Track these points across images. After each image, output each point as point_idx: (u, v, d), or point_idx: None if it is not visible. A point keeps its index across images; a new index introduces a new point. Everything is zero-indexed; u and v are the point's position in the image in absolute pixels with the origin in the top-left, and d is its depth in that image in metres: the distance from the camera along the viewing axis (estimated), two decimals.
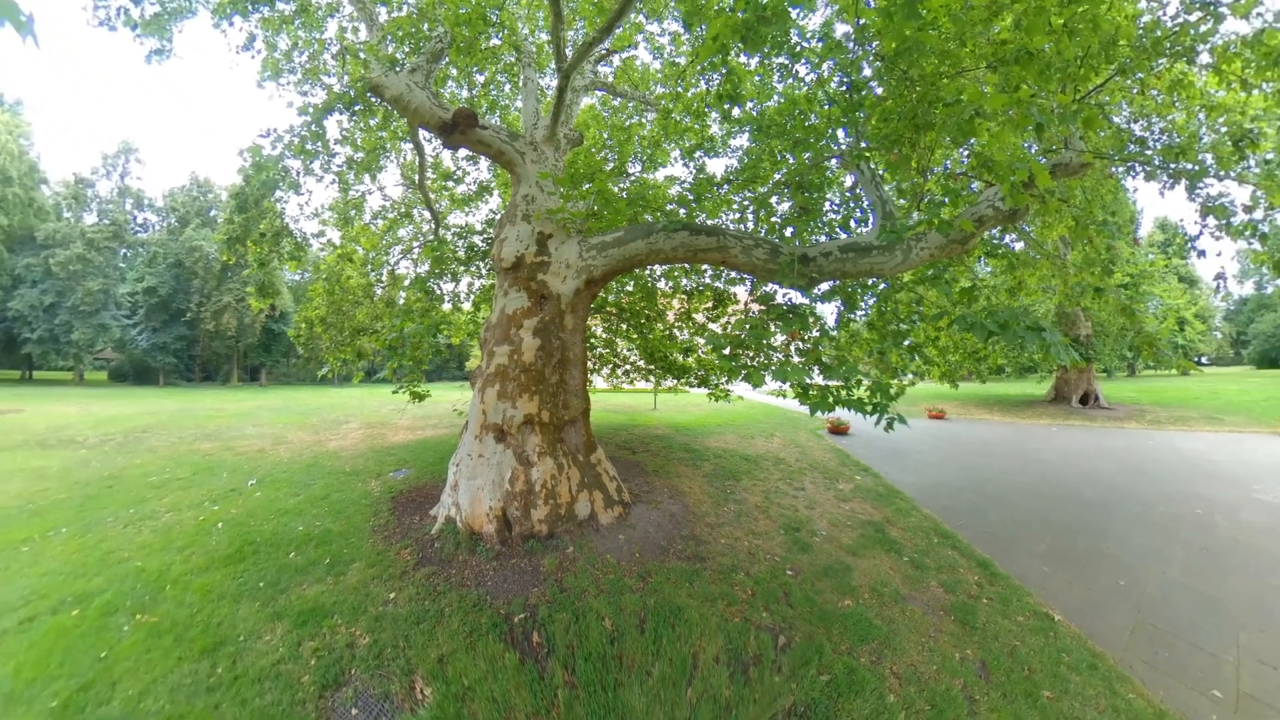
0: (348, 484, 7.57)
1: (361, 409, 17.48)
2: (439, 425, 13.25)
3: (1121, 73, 4.63)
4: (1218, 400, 18.02)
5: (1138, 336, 9.91)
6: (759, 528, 6.18)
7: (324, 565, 5.02)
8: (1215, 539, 6.61)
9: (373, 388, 32.52)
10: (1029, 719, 3.44)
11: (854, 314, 5.66)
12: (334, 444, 10.84)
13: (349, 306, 10.29)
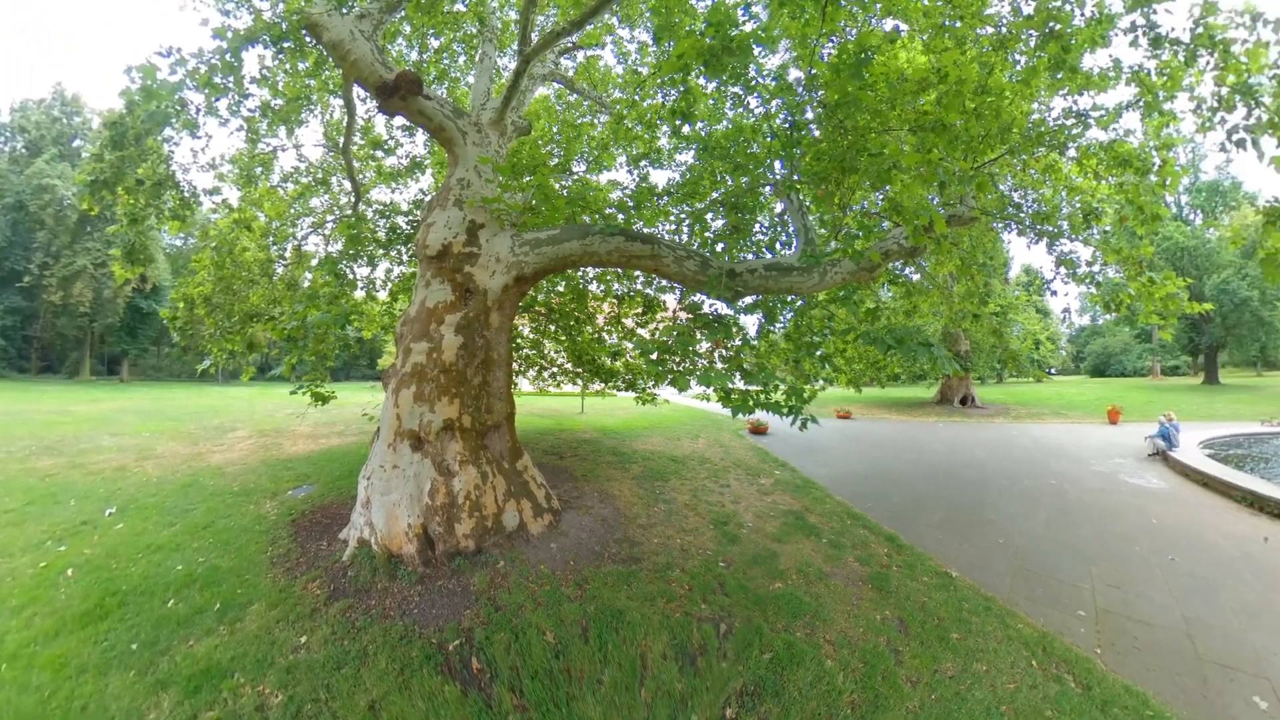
0: (237, 507, 6.58)
1: (252, 413, 15.35)
2: (346, 432, 11.99)
3: (1010, 152, 5.81)
4: (1062, 400, 22.92)
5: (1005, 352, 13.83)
6: (689, 525, 6.31)
7: (214, 612, 4.25)
8: (1066, 501, 8.19)
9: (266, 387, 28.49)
10: (944, 658, 3.98)
11: (773, 326, 6.12)
12: (218, 457, 9.33)
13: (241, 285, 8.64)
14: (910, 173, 4.10)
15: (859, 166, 4.52)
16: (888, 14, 5.24)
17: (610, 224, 5.48)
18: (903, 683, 3.70)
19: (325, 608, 4.26)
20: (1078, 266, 6.52)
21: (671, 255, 5.34)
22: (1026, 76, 5.28)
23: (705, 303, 5.31)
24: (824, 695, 3.50)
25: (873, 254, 5.04)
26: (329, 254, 9.50)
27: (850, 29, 5.32)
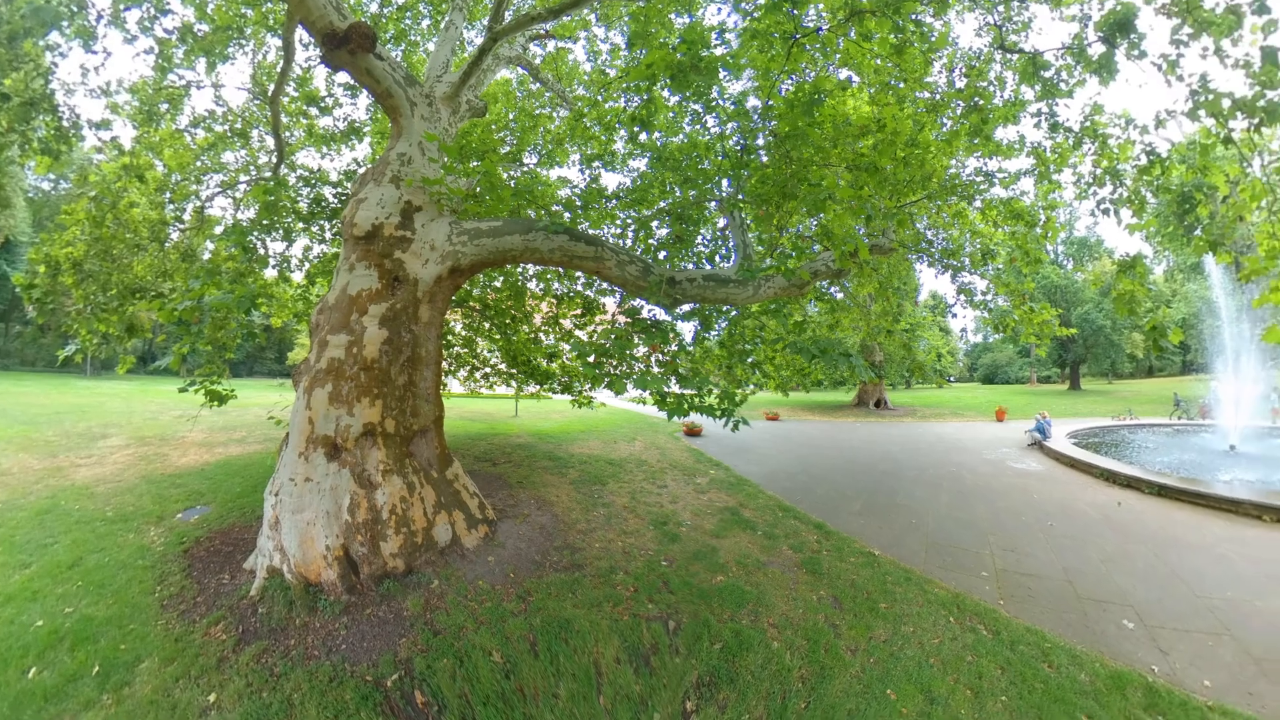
0: (112, 538, 5.51)
1: (129, 415, 12.96)
2: (248, 440, 10.56)
3: (929, 197, 6.88)
4: (959, 403, 26.25)
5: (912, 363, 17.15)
6: (629, 527, 6.27)
7: (92, 678, 3.42)
8: (964, 485, 9.22)
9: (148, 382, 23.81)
10: (876, 626, 4.37)
11: (709, 333, 6.38)
12: (85, 473, 7.69)
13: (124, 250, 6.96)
14: (843, 205, 4.73)
15: (798, 194, 5.02)
16: (844, 65, 5.84)
17: (556, 222, 5.28)
18: (844, 652, 3.96)
19: (235, 655, 3.65)
20: (975, 295, 7.70)
21: (615, 259, 5.30)
22: (950, 138, 6.25)
23: (644, 308, 5.39)
24: (775, 675, 3.65)
25: (803, 273, 5.54)
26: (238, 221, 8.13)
27: (810, 71, 5.84)
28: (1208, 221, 5.00)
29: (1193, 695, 3.58)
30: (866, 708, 3.38)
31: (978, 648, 4.07)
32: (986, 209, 7.14)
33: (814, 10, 5.07)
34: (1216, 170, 4.69)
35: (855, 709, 3.37)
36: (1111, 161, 5.48)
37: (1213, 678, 3.80)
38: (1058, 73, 5.06)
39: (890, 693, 3.53)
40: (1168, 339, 5.24)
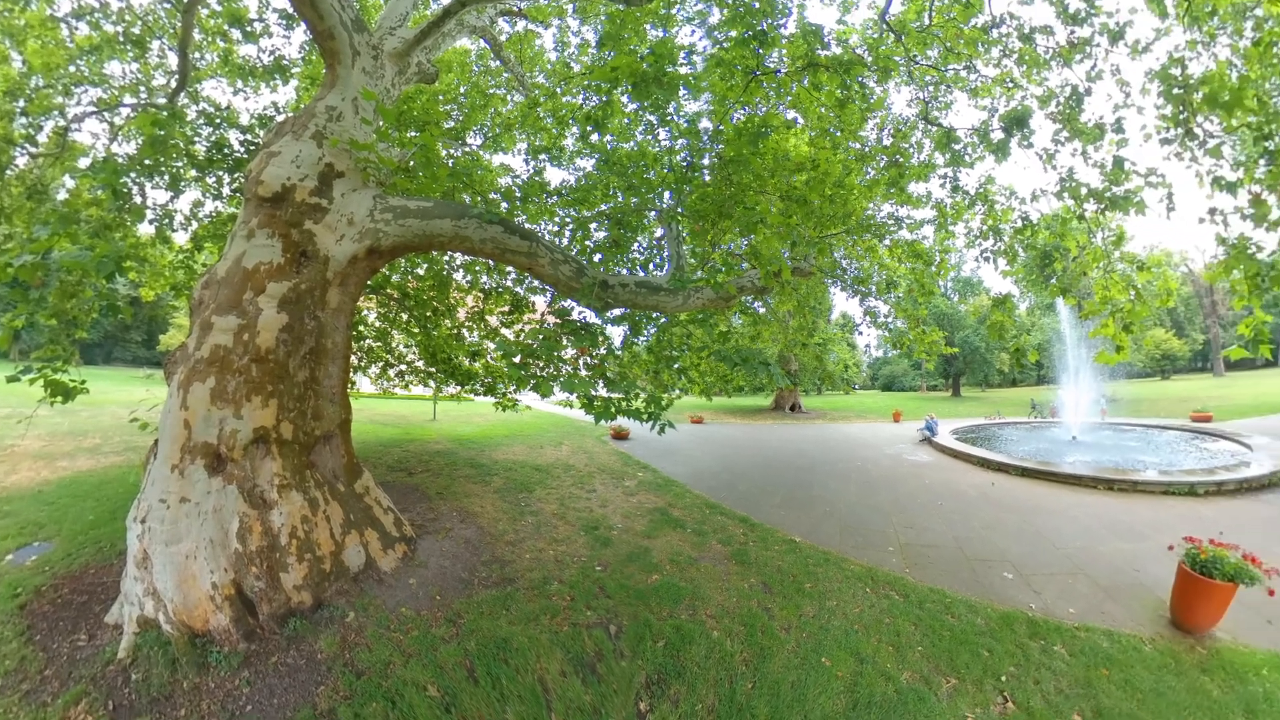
0: None
1: None
2: (103, 449, 8.66)
3: (847, 232, 7.71)
4: (863, 406, 28.89)
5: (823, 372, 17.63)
6: (560, 534, 6.08)
7: None
8: (870, 476, 10.11)
9: None
10: (804, 604, 4.68)
11: (638, 339, 6.44)
12: None
13: None
14: (772, 229, 5.16)
15: (734, 215, 5.39)
16: (793, 106, 6.42)
17: (492, 210, 4.92)
18: (779, 632, 4.15)
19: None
20: (878, 317, 8.77)
21: (549, 257, 5.09)
22: (871, 185, 7.18)
23: (575, 309, 5.32)
24: (720, 662, 3.73)
25: (731, 287, 5.80)
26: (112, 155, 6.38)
27: (761, 106, 6.18)
28: (1061, 274, 6.27)
29: (1063, 621, 4.47)
30: (806, 677, 3.58)
31: (893, 610, 4.55)
32: (894, 247, 8.27)
33: (777, 53, 5.61)
34: (1070, 237, 6.03)
35: (797, 680, 3.54)
36: (995, 221, 6.84)
37: (1075, 606, 4.77)
38: (965, 147, 6.24)
39: (825, 660, 3.79)
40: (1027, 358, 7.29)
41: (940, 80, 6.65)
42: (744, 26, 4.91)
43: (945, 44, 6.21)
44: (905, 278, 8.27)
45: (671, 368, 6.53)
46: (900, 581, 5.19)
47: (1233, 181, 4.23)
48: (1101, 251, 5.55)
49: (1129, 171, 5.00)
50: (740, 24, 4.96)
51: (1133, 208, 5.08)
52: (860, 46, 6.66)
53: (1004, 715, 3.36)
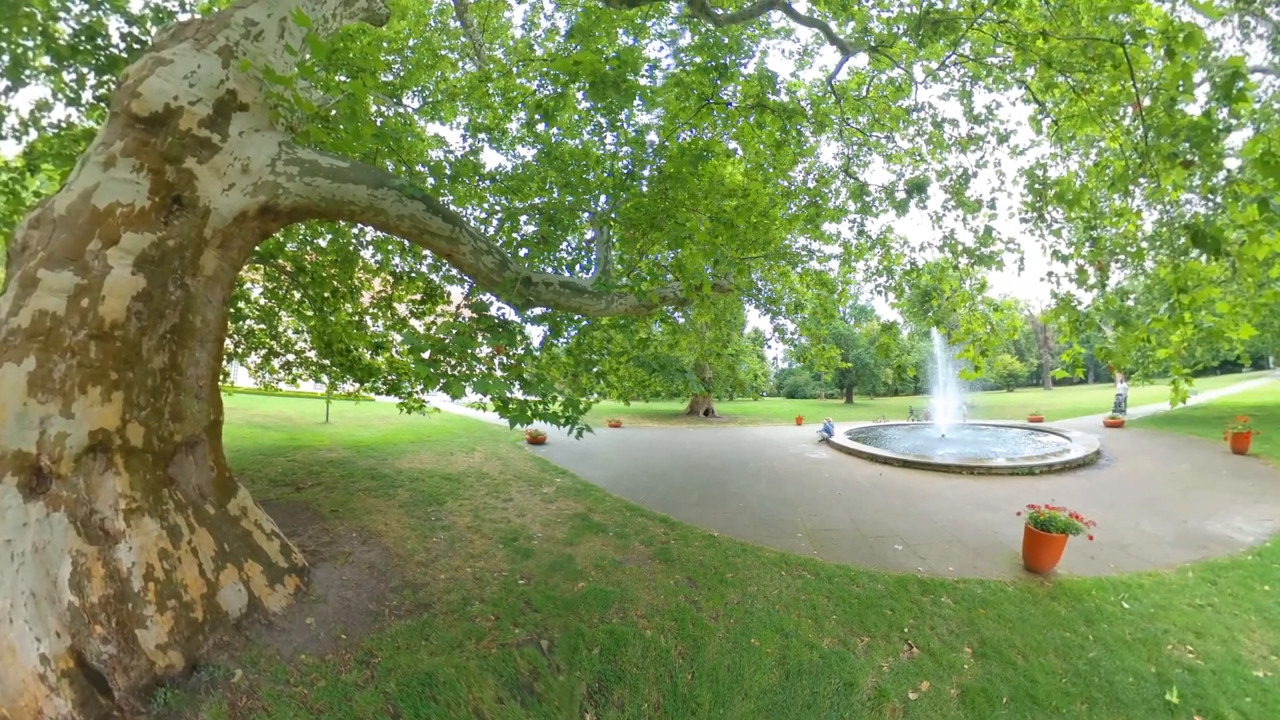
0: None
1: None
2: None
3: (765, 257, 8.26)
4: (770, 411, 31.27)
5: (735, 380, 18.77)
6: (477, 549, 5.69)
7: None
8: (777, 473, 10.80)
9: None
10: (728, 593, 4.89)
11: (557, 340, 6.28)
12: None
13: None
14: (699, 246, 5.42)
15: (665, 228, 5.53)
16: (735, 138, 6.90)
17: (416, 184, 4.36)
18: (708, 621, 4.26)
19: None
20: (786, 333, 9.60)
21: (472, 245, 4.66)
22: (791, 219, 7.93)
23: (494, 304, 5.04)
24: (657, 659, 3.74)
25: (654, 296, 5.89)
26: None
27: (707, 131, 6.53)
28: (936, 309, 7.55)
29: (945, 578, 5.34)
30: (740, 659, 3.73)
31: (807, 588, 4.97)
32: (804, 275, 9.20)
33: (733, 88, 6.08)
34: (946, 282, 7.26)
35: (732, 664, 3.67)
36: (889, 263, 8.01)
37: (953, 565, 5.71)
38: (874, 200, 7.38)
39: (754, 641, 3.99)
40: (907, 373, 8.37)
41: (864, 143, 7.89)
42: (709, 56, 5.35)
43: (874, 115, 7.41)
44: (811, 301, 9.24)
45: (591, 371, 6.49)
46: (811, 562, 5.64)
47: (1066, 255, 5.92)
48: (968, 295, 6.86)
49: (995, 238, 6.64)
50: (706, 53, 5.38)
51: (994, 265, 6.61)
52: (805, 100, 7.46)
53: (911, 659, 3.96)
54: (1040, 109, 6.02)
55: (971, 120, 6.99)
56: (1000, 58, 5.95)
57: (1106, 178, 5.36)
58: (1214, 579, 5.23)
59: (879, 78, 7.19)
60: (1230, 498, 7.86)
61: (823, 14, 6.18)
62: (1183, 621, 4.46)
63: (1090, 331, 5.24)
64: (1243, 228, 3.44)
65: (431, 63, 7.95)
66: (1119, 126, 5.15)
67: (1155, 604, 4.78)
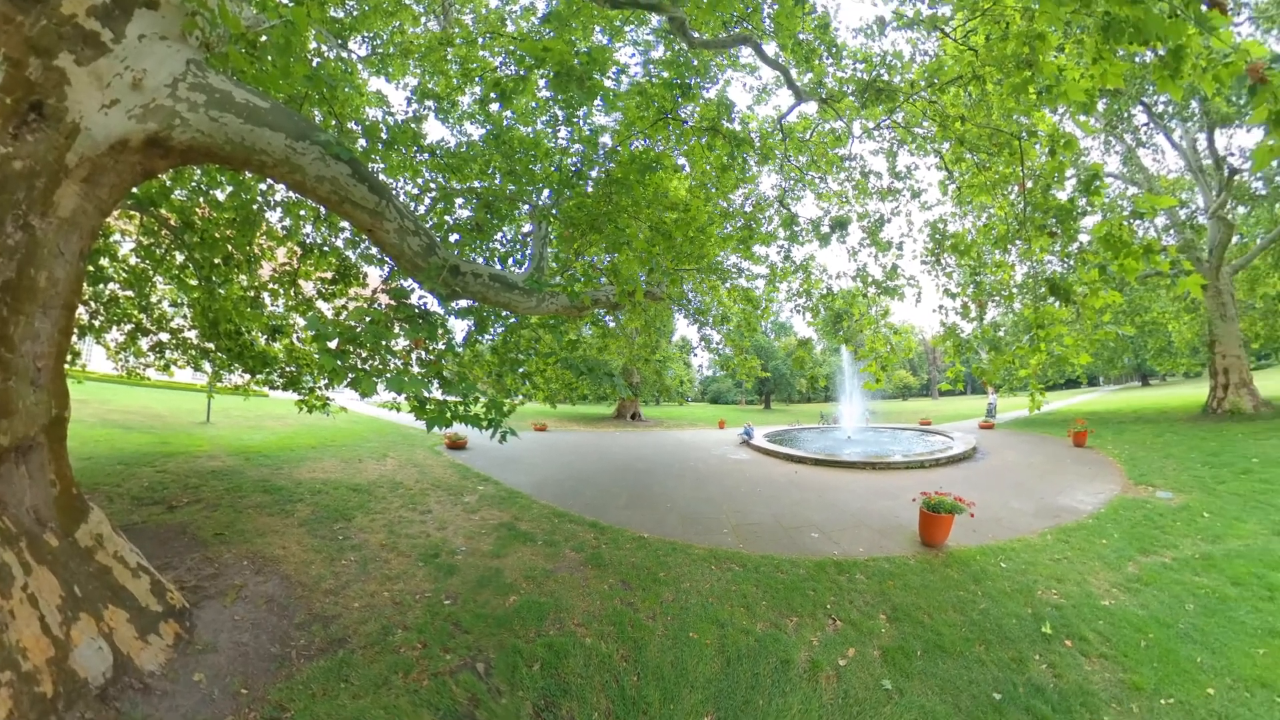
0: None
1: None
2: None
3: (698, 270, 8.65)
4: (694, 416, 32.33)
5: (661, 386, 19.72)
6: (394, 569, 5.22)
7: None
8: (702, 474, 11.17)
9: None
10: (662, 592, 4.98)
11: (483, 336, 5.92)
12: None
13: None
14: (636, 253, 5.48)
15: (604, 230, 5.49)
16: (685, 155, 7.17)
17: (345, 144, 3.81)
18: (646, 621, 4.28)
19: None
20: (711, 343, 10.12)
21: (398, 222, 4.16)
22: (726, 238, 8.47)
23: (415, 292, 4.64)
24: (600, 666, 3.67)
25: (586, 298, 5.79)
26: None
27: (660, 144, 6.66)
28: (846, 329, 8.34)
29: (857, 558, 5.94)
30: (682, 654, 3.80)
31: (736, 579, 5.21)
32: (732, 290, 9.77)
33: (692, 107, 6.33)
34: (856, 307, 8.20)
35: (675, 659, 3.72)
36: (809, 286, 8.88)
37: (863, 546, 6.35)
38: (801, 230, 8.41)
39: (693, 634, 4.09)
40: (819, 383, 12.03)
41: (800, 179, 8.78)
42: (676, 73, 5.61)
43: (813, 156, 8.29)
44: (737, 315, 9.80)
45: (516, 371, 6.23)
46: (738, 555, 5.90)
47: (954, 293, 7.13)
48: (873, 319, 7.86)
49: (899, 274, 7.99)
50: (675, 70, 5.67)
51: (897, 296, 7.90)
52: (755, 133, 8.08)
53: (837, 631, 4.39)
54: (949, 176, 7.19)
55: (893, 175, 8.26)
56: (925, 130, 7.00)
57: (992, 237, 6.62)
58: (1066, 539, 6.49)
59: (823, 126, 8.06)
60: (1074, 479, 9.59)
61: (787, 60, 6.66)
62: (1047, 572, 5.54)
63: (969, 354, 6.38)
64: (1086, 285, 4.56)
65: (392, 10, 7.08)
66: (1006, 199, 6.45)
67: (1025, 562, 5.83)
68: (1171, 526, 6.67)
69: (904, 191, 8.39)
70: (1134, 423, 15.41)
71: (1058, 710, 3.42)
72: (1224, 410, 14.16)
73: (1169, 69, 2.59)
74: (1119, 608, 4.74)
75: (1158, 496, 8.02)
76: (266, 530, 5.79)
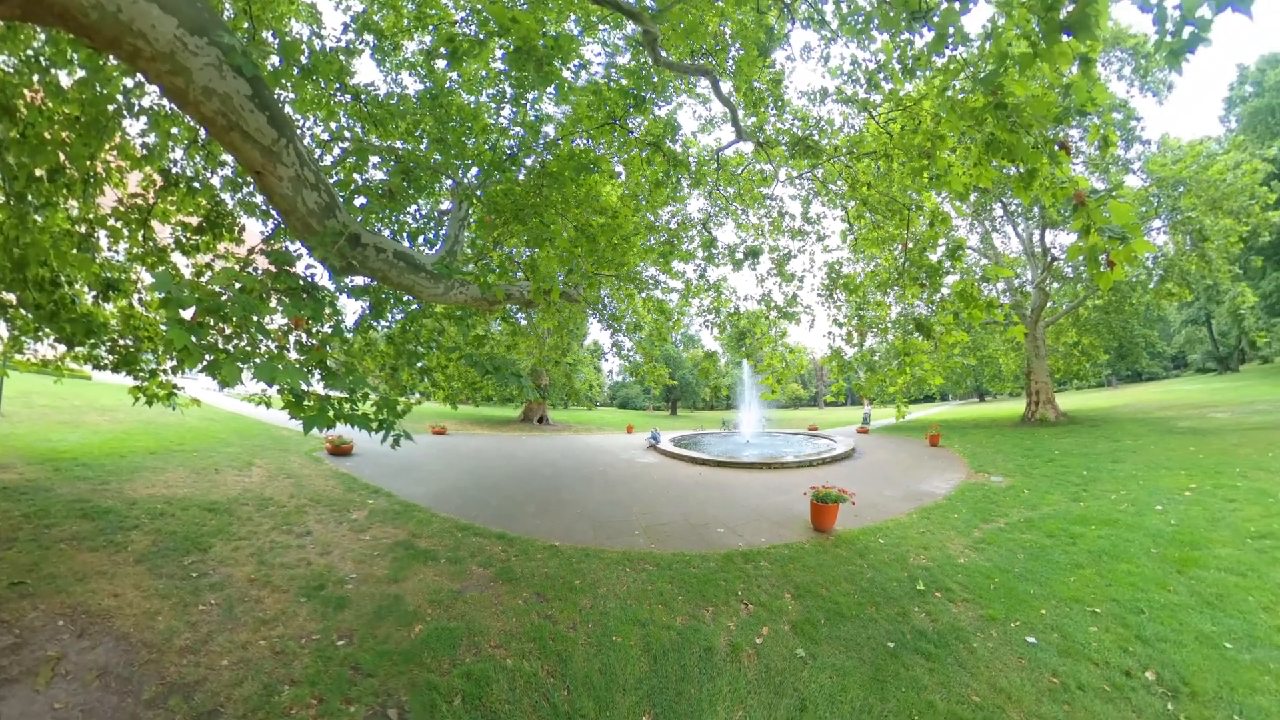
0: None
1: None
2: None
3: (617, 277, 8.92)
4: (603, 420, 32.03)
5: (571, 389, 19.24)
6: (270, 610, 4.43)
7: None
8: (610, 478, 11.24)
9: None
10: (580, 599, 4.93)
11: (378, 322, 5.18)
12: None
13: None
14: (558, 252, 5.34)
15: (528, 223, 5.22)
16: (625, 164, 7.23)
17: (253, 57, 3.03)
18: (567, 632, 4.18)
19: None
20: (623, 349, 10.24)
21: (296, 169, 3.47)
22: (649, 250, 8.79)
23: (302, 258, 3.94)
24: (527, 687, 3.50)
25: (499, 291, 5.41)
26: None
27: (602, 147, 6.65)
28: (748, 345, 9.21)
29: (760, 547, 6.51)
30: (608, 659, 3.80)
31: (651, 579, 5.36)
32: (647, 300, 10.09)
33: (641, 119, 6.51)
34: (758, 327, 9.00)
35: (602, 665, 3.69)
36: (719, 305, 9.54)
37: (764, 537, 6.94)
38: (719, 253, 8.97)
39: (616, 638, 4.11)
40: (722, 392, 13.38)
41: (725, 208, 9.46)
42: (635, 83, 5.66)
43: (740, 190, 9.03)
44: (649, 325, 10.11)
45: (414, 366, 5.60)
46: (650, 555, 6.04)
47: (841, 322, 8.32)
48: (772, 338, 8.73)
49: (798, 303, 9.02)
50: (634, 80, 5.81)
51: (794, 320, 8.86)
52: (693, 158, 8.53)
53: (750, 615, 4.72)
54: (850, 228, 8.53)
55: (805, 219, 9.48)
56: (837, 187, 8.19)
57: (876, 281, 8.03)
58: (928, 516, 7.90)
59: (754, 165, 8.92)
60: (931, 471, 11.77)
61: (738, 100, 7.18)
62: (916, 543, 6.68)
63: (850, 372, 7.63)
64: (943, 325, 5.81)
65: None
66: (891, 254, 7.89)
67: (898, 537, 6.93)
68: (1003, 501, 8.54)
69: (811, 234, 9.70)
70: (974, 428, 19.56)
71: (939, 646, 4.18)
72: (1036, 419, 18.91)
73: (1024, 182, 3.50)
74: (971, 563, 5.96)
75: (992, 480, 10.15)
76: (89, 572, 4.63)
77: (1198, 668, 3.75)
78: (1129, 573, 5.36)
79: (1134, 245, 2.60)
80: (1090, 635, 4.29)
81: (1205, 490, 7.89)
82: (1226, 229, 15.12)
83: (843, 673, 3.82)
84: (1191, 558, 5.57)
